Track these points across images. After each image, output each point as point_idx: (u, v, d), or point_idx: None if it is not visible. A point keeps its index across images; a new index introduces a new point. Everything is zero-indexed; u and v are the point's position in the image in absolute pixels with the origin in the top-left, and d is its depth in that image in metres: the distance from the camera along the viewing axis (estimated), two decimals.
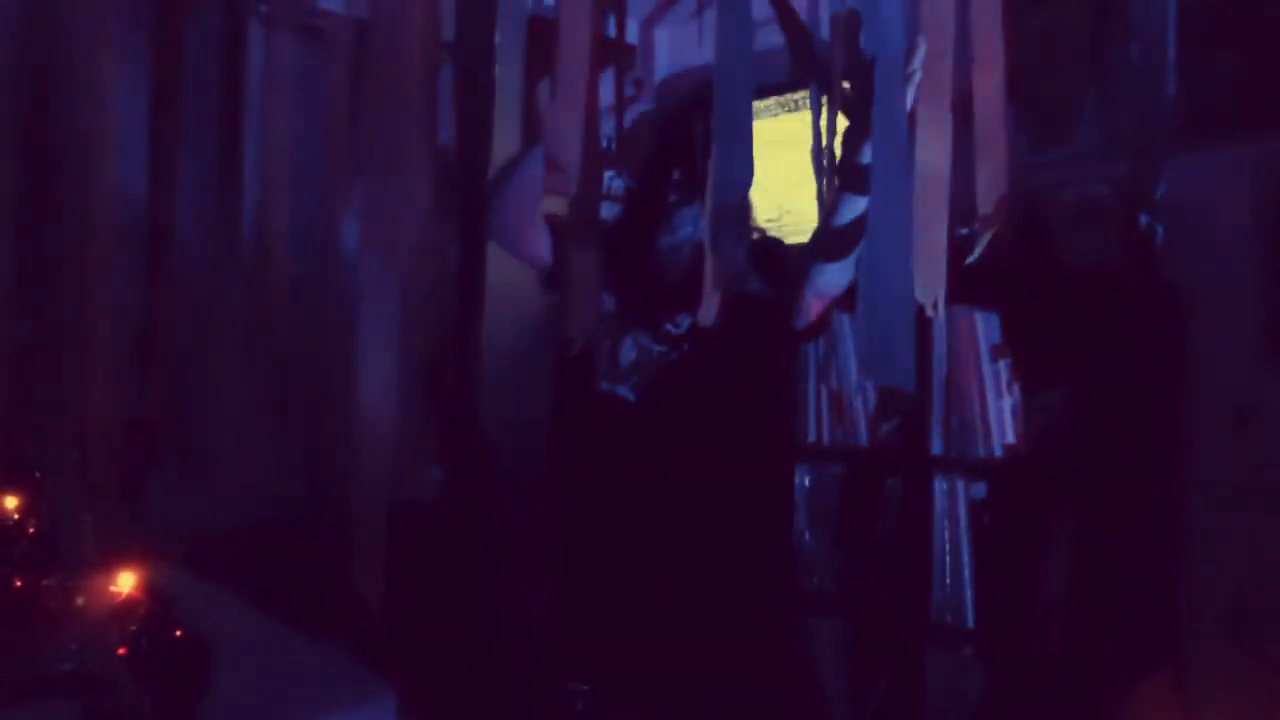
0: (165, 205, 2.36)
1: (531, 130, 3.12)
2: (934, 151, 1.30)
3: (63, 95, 2.21)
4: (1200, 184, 2.01)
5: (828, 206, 1.78)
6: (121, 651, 1.20)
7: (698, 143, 1.77)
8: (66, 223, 2.21)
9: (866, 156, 1.58)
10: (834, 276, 1.77)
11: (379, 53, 1.68)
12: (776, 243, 2.01)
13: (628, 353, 1.77)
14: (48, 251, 2.21)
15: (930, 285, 1.26)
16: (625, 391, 1.76)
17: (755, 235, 1.93)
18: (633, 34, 3.29)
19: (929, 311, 1.27)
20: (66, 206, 2.21)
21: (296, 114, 2.24)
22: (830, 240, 1.74)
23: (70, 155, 2.19)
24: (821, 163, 1.87)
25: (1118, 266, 2.15)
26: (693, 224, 1.81)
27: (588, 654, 1.83)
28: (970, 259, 1.54)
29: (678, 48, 3.38)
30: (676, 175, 1.80)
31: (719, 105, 1.21)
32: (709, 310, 1.31)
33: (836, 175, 1.74)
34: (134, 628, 1.23)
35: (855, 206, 1.67)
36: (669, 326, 1.77)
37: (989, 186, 1.53)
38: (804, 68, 1.76)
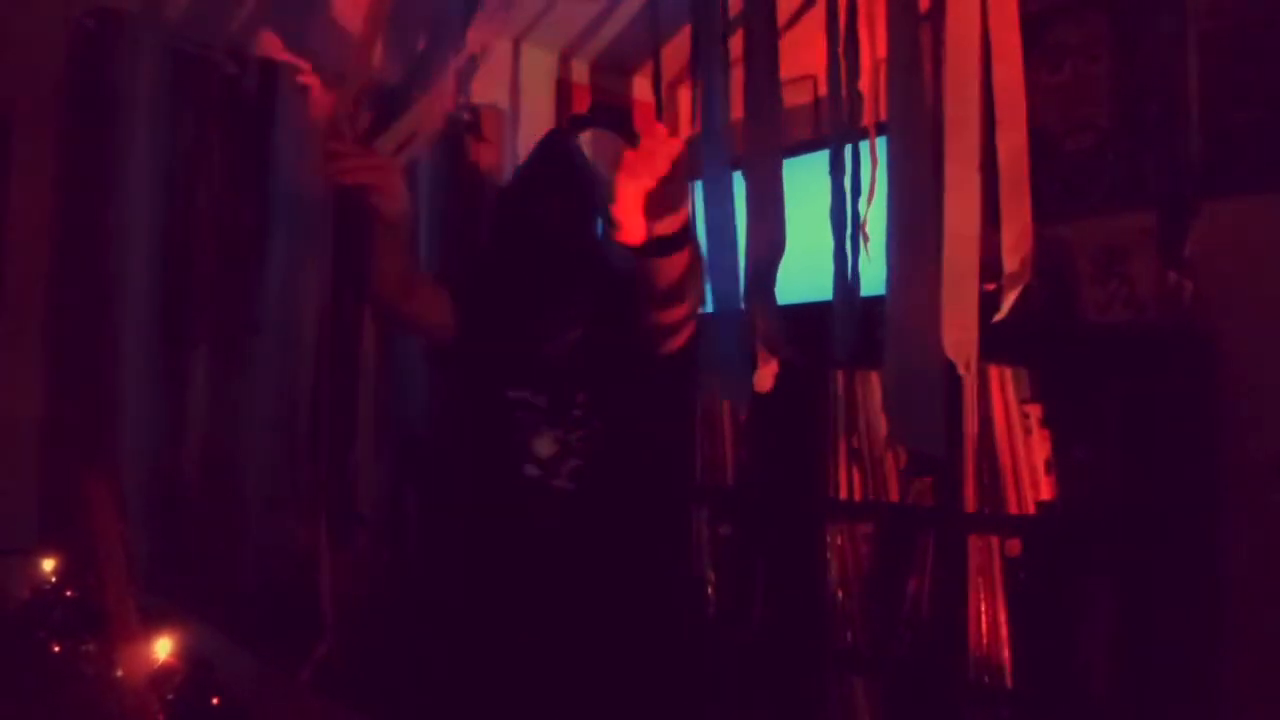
0: (188, 267, 2.42)
1: None
2: (963, 213, 1.31)
3: (97, 164, 2.27)
4: (1230, 236, 2.01)
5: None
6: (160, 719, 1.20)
7: (562, 242, 1.80)
8: (97, 294, 2.27)
9: None
10: None
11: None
12: None
13: (548, 447, 1.77)
14: (83, 320, 2.27)
15: (962, 344, 1.26)
16: (561, 482, 1.77)
17: None
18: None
19: (961, 370, 1.28)
20: (99, 274, 2.27)
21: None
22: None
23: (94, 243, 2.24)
24: (842, 221, 1.88)
25: (1149, 320, 2.15)
26: (575, 329, 1.83)
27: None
28: (998, 316, 1.54)
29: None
30: (547, 280, 1.81)
31: (749, 172, 1.22)
32: (765, 379, 1.34)
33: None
34: (171, 696, 1.24)
35: None
36: (574, 412, 1.79)
37: (1015, 244, 1.54)
38: None
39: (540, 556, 1.81)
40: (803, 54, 2.14)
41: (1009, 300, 1.51)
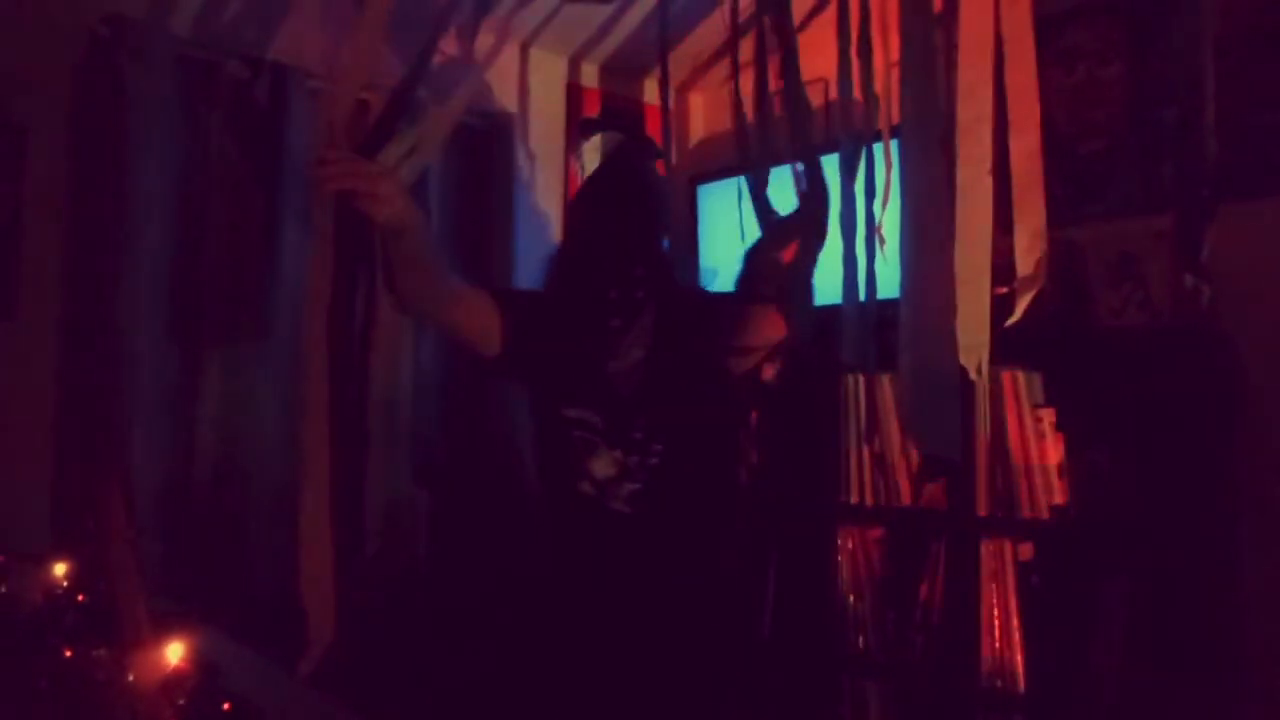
0: (199, 273, 2.43)
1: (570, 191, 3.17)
2: (975, 216, 1.30)
3: (107, 174, 2.28)
4: (1246, 239, 1.99)
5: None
6: None
7: (628, 254, 1.78)
8: (109, 297, 2.27)
9: None
10: None
11: None
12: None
13: (605, 469, 1.75)
14: (92, 326, 2.27)
15: (974, 347, 1.25)
16: (619, 505, 1.74)
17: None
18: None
19: (973, 374, 1.27)
20: (109, 282, 2.27)
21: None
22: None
23: (106, 235, 2.25)
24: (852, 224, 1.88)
25: (1163, 323, 2.13)
26: (640, 347, 1.80)
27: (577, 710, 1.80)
28: (1012, 319, 1.54)
29: (711, 113, 3.43)
30: (613, 295, 1.78)
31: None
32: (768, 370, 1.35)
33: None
34: (183, 701, 1.23)
35: None
36: (634, 434, 1.76)
37: (1029, 247, 1.53)
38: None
39: (592, 576, 1.79)
40: (814, 57, 2.13)
41: (1023, 304, 1.50)
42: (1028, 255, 1.49)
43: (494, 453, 2.87)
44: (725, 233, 2.35)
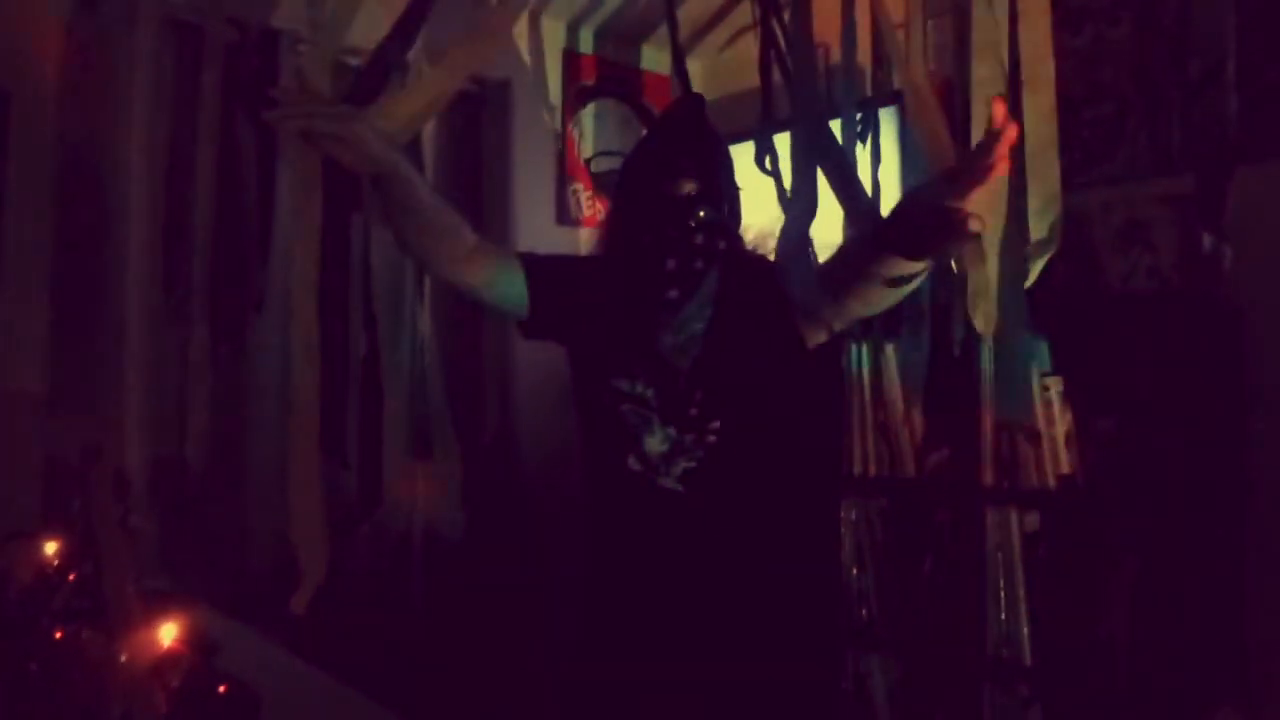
0: (190, 241, 2.39)
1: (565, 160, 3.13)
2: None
3: (94, 142, 2.23)
4: (1257, 202, 1.96)
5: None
6: (165, 708, 1.18)
7: (690, 221, 1.65)
8: (99, 270, 2.23)
9: None
10: None
11: None
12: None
13: (659, 445, 1.68)
14: (83, 301, 2.24)
15: (990, 314, 1.22)
16: (670, 483, 1.68)
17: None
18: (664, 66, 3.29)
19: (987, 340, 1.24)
20: (98, 254, 2.24)
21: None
22: None
23: (99, 203, 2.21)
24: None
25: (1173, 289, 2.10)
26: (699, 321, 1.71)
27: (627, 698, 1.76)
28: (1026, 284, 1.50)
29: (710, 79, 3.37)
30: (671, 265, 1.66)
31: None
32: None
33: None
34: (177, 683, 1.21)
35: None
36: (690, 410, 1.67)
37: (1042, 208, 1.50)
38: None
39: (638, 556, 1.73)
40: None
41: (1037, 268, 1.47)
42: (1041, 217, 1.45)
43: (490, 423, 2.85)
44: None
